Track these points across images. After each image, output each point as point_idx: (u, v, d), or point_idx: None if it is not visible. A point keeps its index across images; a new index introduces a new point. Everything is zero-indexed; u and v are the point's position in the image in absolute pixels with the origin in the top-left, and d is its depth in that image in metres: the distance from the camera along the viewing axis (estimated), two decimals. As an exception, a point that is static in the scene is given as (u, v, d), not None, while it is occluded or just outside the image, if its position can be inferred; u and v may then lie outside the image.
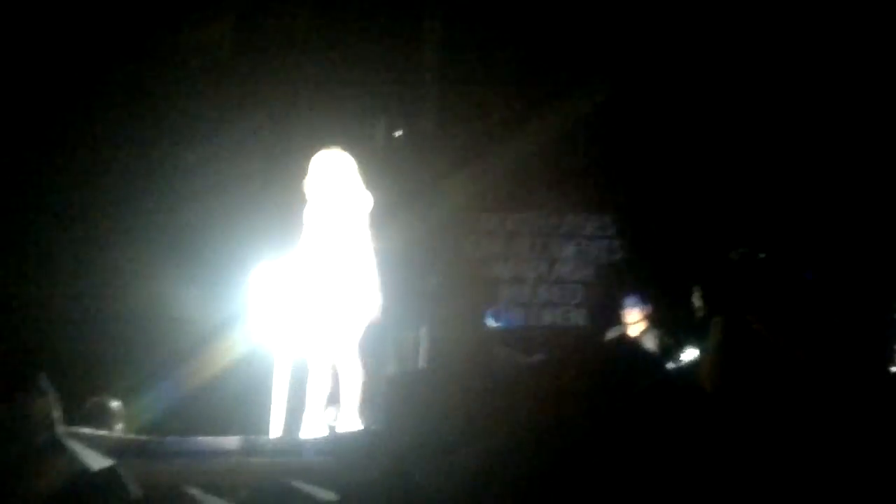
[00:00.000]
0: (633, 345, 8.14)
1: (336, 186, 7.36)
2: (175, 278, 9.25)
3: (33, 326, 8.71)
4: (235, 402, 8.06)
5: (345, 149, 7.49)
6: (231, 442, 6.09)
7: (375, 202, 7.29)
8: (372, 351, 7.35)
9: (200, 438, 6.23)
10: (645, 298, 9.89)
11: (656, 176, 10.02)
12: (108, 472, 4.86)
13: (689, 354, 8.44)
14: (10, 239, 9.36)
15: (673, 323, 9.36)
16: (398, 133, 9.79)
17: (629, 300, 9.93)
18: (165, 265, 9.34)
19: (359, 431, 7.00)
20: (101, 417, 6.96)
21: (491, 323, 10.47)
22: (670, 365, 8.32)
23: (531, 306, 11.08)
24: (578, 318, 11.13)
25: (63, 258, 9.53)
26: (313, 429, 7.18)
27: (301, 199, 7.53)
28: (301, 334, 7.42)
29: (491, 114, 9.92)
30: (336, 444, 5.98)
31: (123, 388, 7.74)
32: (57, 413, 5.27)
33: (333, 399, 7.34)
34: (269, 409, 7.45)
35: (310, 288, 7.33)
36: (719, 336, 3.04)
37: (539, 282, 11.05)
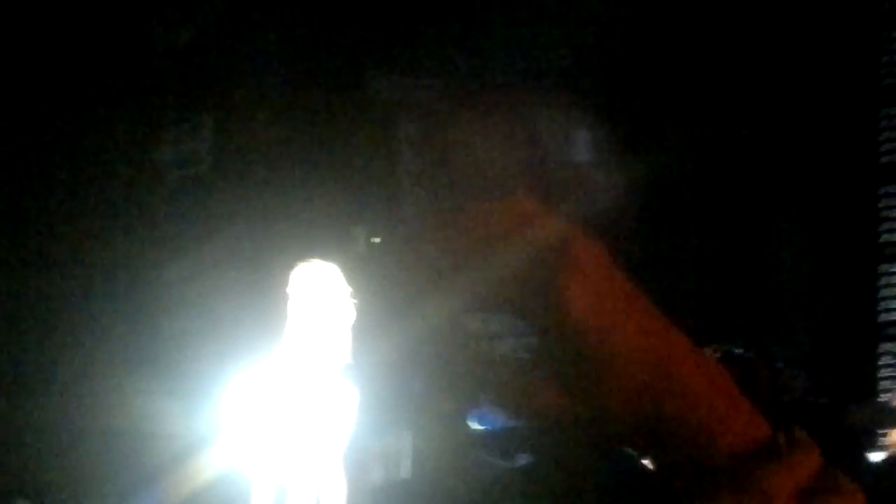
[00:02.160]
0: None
1: (318, 299, 7.33)
2: (152, 394, 9.17)
3: (11, 442, 8.62)
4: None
5: (324, 259, 7.47)
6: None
7: (358, 312, 7.23)
8: (355, 462, 7.27)
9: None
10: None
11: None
12: None
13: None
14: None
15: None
16: (376, 239, 9.78)
17: None
18: (143, 381, 9.27)
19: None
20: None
21: (475, 425, 10.39)
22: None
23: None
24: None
25: (42, 371, 9.46)
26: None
27: (281, 312, 7.49)
28: (281, 450, 7.34)
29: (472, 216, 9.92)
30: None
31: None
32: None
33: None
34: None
35: (290, 400, 7.27)
36: None
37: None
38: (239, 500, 7.59)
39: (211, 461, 7.63)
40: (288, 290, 7.45)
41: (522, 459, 6.12)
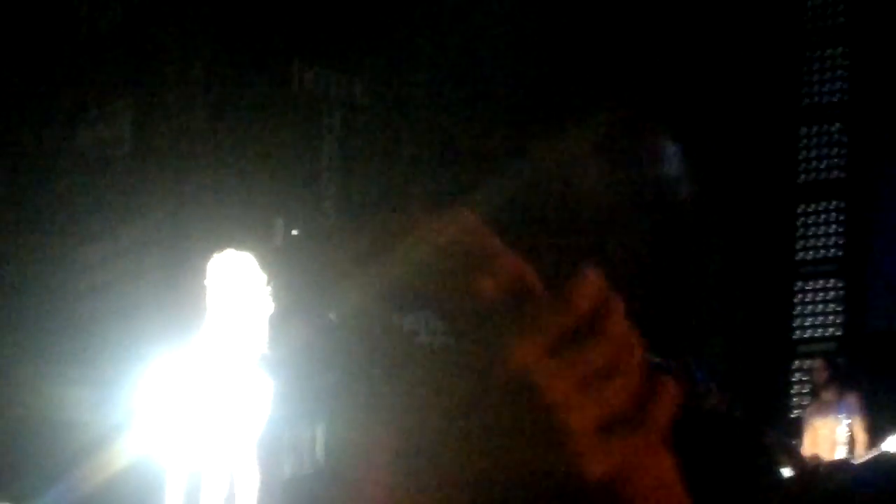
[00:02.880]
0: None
1: (234, 288, 7.33)
2: (68, 380, 9.11)
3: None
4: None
5: (243, 249, 7.47)
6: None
7: (275, 303, 7.24)
8: (268, 452, 7.27)
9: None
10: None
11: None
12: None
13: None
14: None
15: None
16: (295, 232, 9.77)
17: None
18: (59, 366, 9.20)
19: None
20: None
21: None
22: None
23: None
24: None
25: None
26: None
27: (199, 300, 7.48)
28: (197, 437, 7.34)
29: (392, 209, 9.94)
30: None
31: (16, 493, 7.59)
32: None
33: (231, 499, 7.25)
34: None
35: (204, 390, 7.26)
36: None
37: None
38: (153, 488, 7.58)
39: (125, 449, 7.61)
40: (205, 278, 7.45)
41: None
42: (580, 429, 0.79)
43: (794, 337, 10.58)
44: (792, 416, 9.97)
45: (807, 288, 10.56)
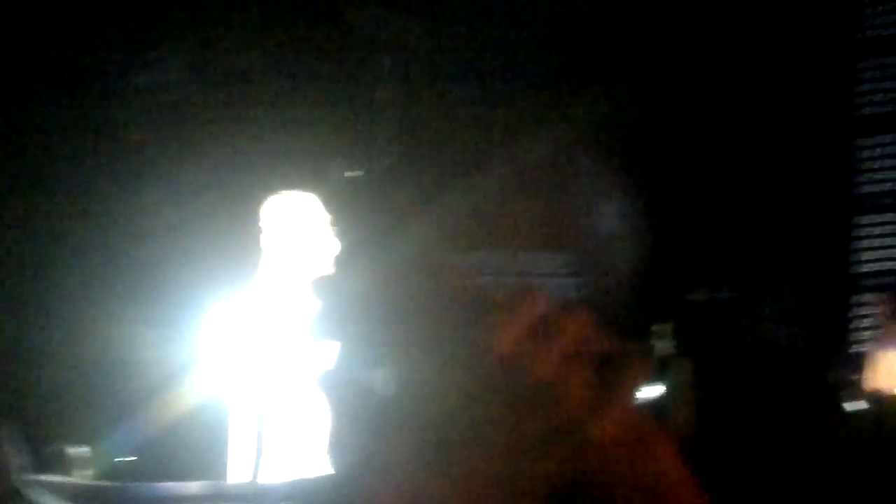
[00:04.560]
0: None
1: (294, 229, 7.35)
2: (131, 320, 9.19)
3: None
4: (195, 446, 8.01)
5: (301, 190, 7.49)
6: (194, 487, 6.05)
7: (334, 244, 7.29)
8: (332, 392, 7.30)
9: (163, 484, 6.19)
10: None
11: (616, 216, 10.04)
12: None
13: (649, 393, 8.48)
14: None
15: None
16: (356, 172, 9.79)
17: None
18: (121, 307, 9.29)
19: (324, 475, 6.97)
20: (62, 464, 6.90)
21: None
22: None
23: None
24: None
25: (18, 301, 9.46)
26: (278, 472, 7.14)
27: (260, 241, 7.51)
28: (261, 375, 7.39)
29: (450, 150, 9.93)
30: (301, 488, 5.94)
31: (82, 434, 7.68)
32: (21, 461, 5.22)
33: (292, 441, 7.30)
34: (228, 453, 7.41)
35: (269, 329, 7.31)
36: (691, 378, 3.01)
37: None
38: (217, 427, 7.65)
39: (189, 388, 7.68)
40: (265, 219, 7.48)
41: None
42: (573, 393, 0.83)
43: (856, 271, 10.51)
44: (855, 350, 9.91)
45: (867, 222, 10.47)
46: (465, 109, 10.06)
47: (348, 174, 9.76)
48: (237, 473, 7.39)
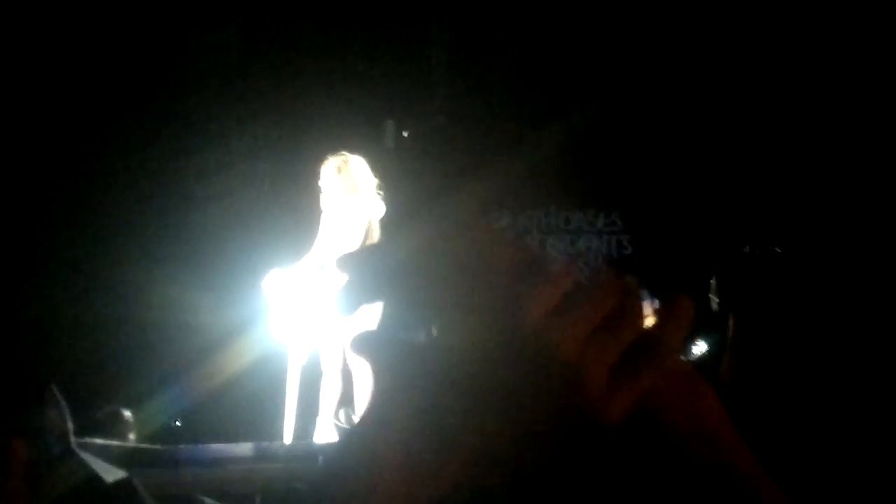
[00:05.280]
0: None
1: (347, 190, 7.34)
2: (185, 283, 9.23)
3: (43, 335, 8.69)
4: (248, 408, 8.04)
5: (354, 152, 7.47)
6: (244, 448, 6.07)
7: (388, 205, 7.26)
8: (381, 353, 7.31)
9: (213, 446, 6.21)
10: (654, 293, 9.86)
11: (664, 172, 10.00)
12: (124, 484, 4.82)
13: (700, 348, 8.44)
14: (16, 246, 9.34)
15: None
16: (407, 133, 9.77)
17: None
18: (175, 270, 9.32)
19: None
20: (113, 427, 6.93)
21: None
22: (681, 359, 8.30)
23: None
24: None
25: (71, 264, 9.51)
26: (327, 433, 7.15)
27: (312, 204, 7.51)
28: (312, 337, 7.40)
29: (500, 113, 9.90)
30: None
31: (134, 397, 7.72)
32: (69, 424, 5.24)
33: (346, 402, 7.31)
34: (282, 415, 7.43)
35: (321, 292, 7.31)
36: (734, 332, 3.04)
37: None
38: (270, 391, 7.67)
39: (242, 352, 7.71)
40: (319, 181, 7.47)
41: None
42: (592, 378, 0.84)
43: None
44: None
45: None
46: (514, 75, 10.03)
47: (403, 134, 9.75)
48: (290, 435, 7.40)
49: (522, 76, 10.15)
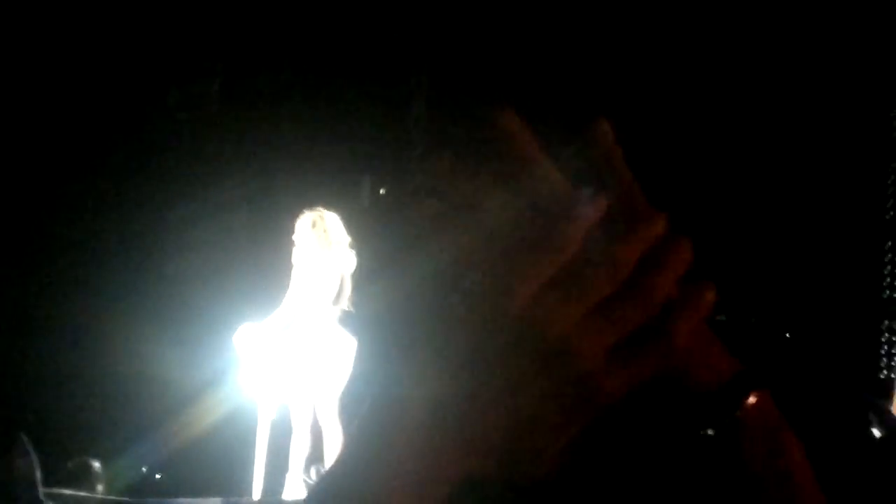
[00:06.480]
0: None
1: (321, 245, 7.35)
2: (156, 336, 9.19)
3: (13, 386, 8.64)
4: (217, 462, 7.99)
5: (330, 208, 7.49)
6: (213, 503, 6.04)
7: (361, 261, 7.27)
8: (353, 410, 7.30)
9: (181, 500, 6.18)
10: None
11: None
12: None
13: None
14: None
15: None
16: (383, 191, 9.79)
17: None
18: (147, 324, 9.29)
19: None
20: (82, 478, 6.90)
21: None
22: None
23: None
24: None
25: (42, 316, 9.47)
26: (296, 489, 7.12)
27: (286, 259, 7.51)
28: (283, 392, 7.38)
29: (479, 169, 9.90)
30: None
31: (105, 449, 7.68)
32: (38, 474, 5.21)
33: (316, 459, 7.29)
34: (251, 470, 7.40)
35: (292, 346, 7.30)
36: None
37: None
38: (240, 444, 7.64)
39: (213, 406, 7.68)
40: (293, 236, 7.47)
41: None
42: (589, 353, 0.82)
43: (885, 296, 10.44)
44: (883, 377, 9.85)
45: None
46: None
47: (380, 191, 9.76)
48: (259, 490, 7.37)
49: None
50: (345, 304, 7.24)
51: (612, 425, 0.87)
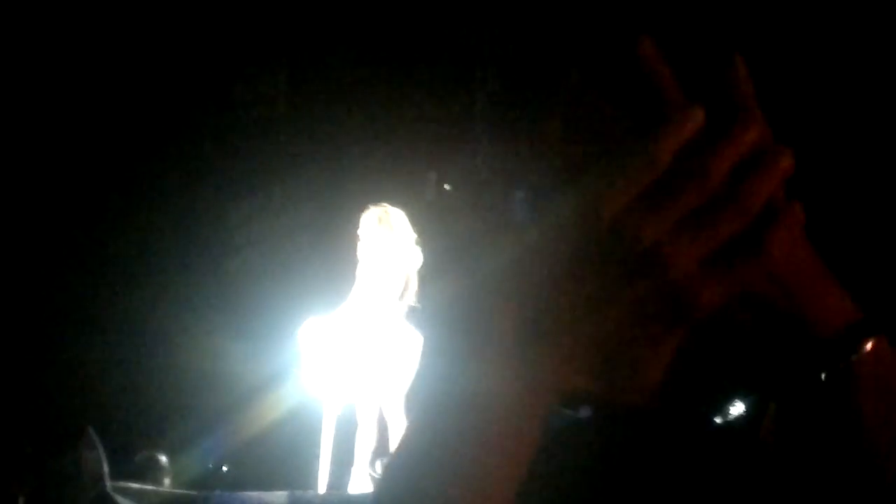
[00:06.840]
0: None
1: (386, 241, 7.34)
2: (223, 332, 9.24)
3: (82, 380, 8.71)
4: (283, 456, 8.02)
5: (395, 204, 7.48)
6: (278, 497, 6.06)
7: (424, 257, 7.27)
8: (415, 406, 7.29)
9: (248, 493, 6.20)
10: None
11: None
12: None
13: (737, 409, 8.39)
14: (55, 291, 9.38)
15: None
16: (448, 186, 9.76)
17: None
18: (214, 319, 9.34)
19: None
20: (149, 472, 6.94)
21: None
22: (719, 419, 8.24)
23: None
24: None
25: (111, 311, 9.53)
26: (361, 483, 7.13)
27: (351, 255, 7.51)
28: (348, 387, 7.39)
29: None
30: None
31: (172, 443, 7.73)
32: (106, 468, 5.25)
33: (382, 453, 7.29)
34: (317, 464, 7.41)
35: (358, 341, 7.30)
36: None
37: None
38: (306, 440, 7.65)
39: (277, 401, 7.70)
40: (358, 232, 7.48)
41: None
42: (681, 262, 0.82)
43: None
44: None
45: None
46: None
47: (445, 187, 9.74)
48: (324, 484, 7.38)
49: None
50: (410, 299, 7.23)
51: (704, 368, 0.88)
